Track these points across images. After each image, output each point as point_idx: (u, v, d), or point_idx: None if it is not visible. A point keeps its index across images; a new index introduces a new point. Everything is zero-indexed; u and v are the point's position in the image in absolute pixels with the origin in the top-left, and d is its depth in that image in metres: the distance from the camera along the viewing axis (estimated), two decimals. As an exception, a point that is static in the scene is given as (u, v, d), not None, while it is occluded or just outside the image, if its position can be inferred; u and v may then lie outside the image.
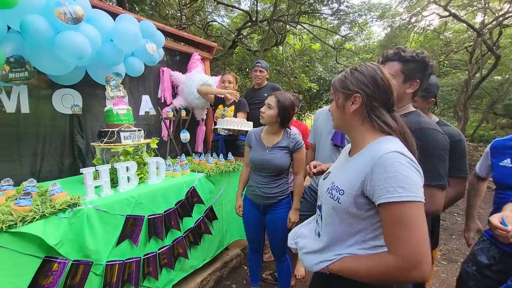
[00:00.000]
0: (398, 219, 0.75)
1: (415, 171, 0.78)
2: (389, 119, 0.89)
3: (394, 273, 0.76)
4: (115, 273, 1.49)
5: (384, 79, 0.89)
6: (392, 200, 0.74)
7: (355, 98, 0.90)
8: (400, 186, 0.74)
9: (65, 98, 2.23)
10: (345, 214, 0.87)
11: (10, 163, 1.95)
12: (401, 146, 0.83)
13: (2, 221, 1.11)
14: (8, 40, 1.64)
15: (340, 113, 0.96)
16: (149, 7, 7.45)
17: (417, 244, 0.73)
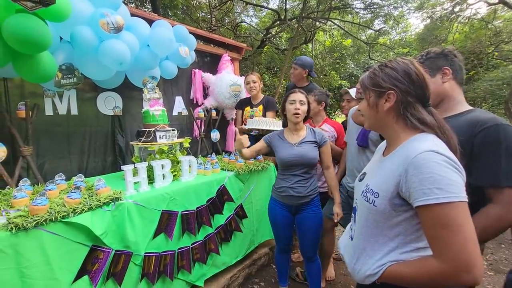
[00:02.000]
0: (439, 221, 0.71)
1: (453, 169, 0.73)
2: (426, 115, 0.85)
3: (441, 278, 0.72)
4: (152, 264, 1.59)
5: (418, 73, 0.84)
6: (430, 202, 0.71)
7: (388, 95, 0.86)
8: (437, 187, 0.70)
9: (108, 100, 2.43)
10: (383, 217, 0.84)
11: (62, 160, 2.17)
12: (437, 144, 0.78)
13: (57, 211, 1.24)
14: (60, 49, 1.82)
15: (372, 112, 0.92)
16: (181, 11, 7.76)
17: (464, 245, 0.69)
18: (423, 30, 10.92)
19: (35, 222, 1.17)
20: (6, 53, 1.32)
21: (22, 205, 1.32)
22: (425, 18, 10.59)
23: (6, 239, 1.11)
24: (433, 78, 1.17)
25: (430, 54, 1.19)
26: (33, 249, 1.17)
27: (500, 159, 0.96)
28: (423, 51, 1.26)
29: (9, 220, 1.15)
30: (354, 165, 2.04)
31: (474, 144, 1.01)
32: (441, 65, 1.16)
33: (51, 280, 1.22)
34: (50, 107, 2.10)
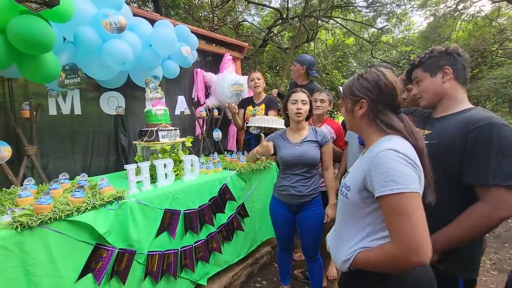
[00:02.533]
0: (393, 209, 0.81)
1: (408, 165, 0.83)
2: (395, 121, 0.95)
3: (396, 260, 0.81)
4: (156, 263, 1.60)
5: (388, 84, 0.95)
6: (386, 193, 0.81)
7: (361, 103, 0.98)
8: (392, 180, 0.81)
9: (111, 100, 2.44)
10: (355, 209, 0.95)
11: (66, 159, 2.19)
12: (399, 144, 0.88)
13: (61, 210, 1.26)
14: (63, 50, 1.83)
15: (350, 117, 1.06)
16: (183, 10, 7.76)
17: (413, 231, 0.79)
18: (426, 28, 10.83)
19: (40, 220, 1.18)
20: (11, 53, 1.34)
21: (27, 204, 1.34)
22: (429, 16, 10.51)
23: (11, 237, 1.13)
24: (434, 77, 1.17)
25: (434, 52, 1.19)
26: (38, 247, 1.19)
27: (490, 157, 0.97)
28: (427, 49, 1.26)
29: (14, 219, 1.16)
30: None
31: (467, 142, 1.01)
32: (443, 65, 1.16)
33: (56, 278, 1.23)
34: (54, 107, 2.12)
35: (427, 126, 1.20)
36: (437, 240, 1.03)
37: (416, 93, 1.24)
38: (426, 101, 1.21)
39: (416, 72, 1.23)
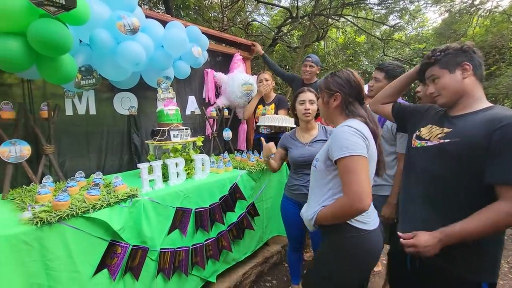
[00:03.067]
0: (345, 169, 1.06)
1: (358, 136, 1.08)
2: (360, 110, 1.22)
3: (345, 208, 1.06)
4: (168, 260, 1.63)
5: (355, 81, 1.22)
6: (340, 156, 1.06)
7: (336, 96, 1.23)
8: (345, 147, 1.06)
9: (124, 100, 2.50)
10: (321, 176, 1.20)
11: (81, 158, 2.25)
12: (355, 123, 1.13)
13: (78, 207, 1.30)
14: (79, 52, 1.89)
15: (325, 108, 1.30)
16: (193, 11, 7.84)
17: (358, 184, 1.02)
18: (441, 25, 10.54)
19: (58, 217, 1.23)
20: (31, 56, 1.39)
21: (45, 201, 1.39)
22: (443, 12, 10.21)
23: (32, 233, 1.17)
24: (453, 74, 1.14)
25: (449, 50, 1.16)
26: (57, 242, 1.23)
27: None
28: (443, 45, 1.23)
29: (34, 215, 1.21)
30: None
31: (491, 142, 0.99)
32: (461, 61, 1.13)
33: (74, 272, 1.27)
34: (70, 107, 2.18)
35: (445, 124, 1.17)
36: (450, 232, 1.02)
37: (433, 91, 1.20)
38: (445, 98, 1.17)
39: (432, 70, 1.20)
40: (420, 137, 1.25)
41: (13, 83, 1.89)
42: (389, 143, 1.88)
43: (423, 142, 1.22)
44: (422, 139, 1.23)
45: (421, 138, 1.24)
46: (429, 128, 1.23)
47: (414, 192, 1.23)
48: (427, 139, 1.20)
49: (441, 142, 1.13)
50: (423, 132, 1.25)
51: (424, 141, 1.22)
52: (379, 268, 2.54)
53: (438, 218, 1.12)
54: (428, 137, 1.20)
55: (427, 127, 1.24)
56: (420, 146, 1.23)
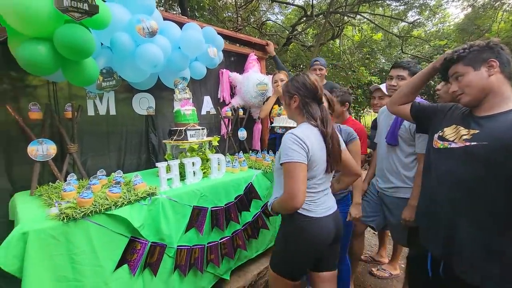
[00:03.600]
0: (285, 171, 1.26)
1: (297, 144, 1.25)
2: (317, 110, 1.36)
3: (283, 203, 1.30)
4: (184, 257, 1.67)
5: (311, 83, 1.36)
6: (282, 161, 1.27)
7: (294, 98, 1.38)
8: (286, 154, 1.25)
9: (142, 101, 2.57)
10: (277, 173, 1.42)
11: (103, 157, 2.34)
12: (301, 130, 1.30)
13: (101, 204, 1.36)
14: (101, 55, 1.95)
15: (288, 108, 1.46)
16: (207, 12, 7.93)
17: (293, 186, 1.23)
18: (464, 20, 10.10)
19: (83, 213, 1.28)
20: (57, 60, 1.46)
21: (71, 198, 1.45)
22: (466, 6, 9.79)
23: (59, 228, 1.23)
24: (477, 71, 1.09)
25: (474, 47, 1.11)
26: (81, 237, 1.29)
27: None
28: (465, 43, 1.18)
29: (60, 211, 1.27)
30: (383, 165, 1.96)
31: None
32: (487, 57, 1.08)
33: (97, 267, 1.33)
34: (92, 108, 2.27)
35: (471, 125, 1.12)
36: None
37: (456, 89, 1.16)
38: (470, 97, 1.12)
39: (456, 68, 1.15)
40: (443, 137, 1.20)
41: (38, 84, 1.99)
42: (408, 144, 1.82)
43: (446, 143, 1.17)
44: (446, 140, 1.18)
45: (445, 139, 1.19)
46: (453, 128, 1.18)
47: (437, 194, 1.19)
48: (451, 140, 1.16)
49: (467, 144, 1.08)
50: (446, 133, 1.20)
51: (447, 142, 1.17)
52: (397, 272, 2.48)
53: (466, 222, 1.07)
54: (452, 138, 1.16)
55: (451, 128, 1.20)
56: (443, 147, 1.18)
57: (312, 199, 1.34)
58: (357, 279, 2.43)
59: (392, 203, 1.90)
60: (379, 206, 2.03)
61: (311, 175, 1.31)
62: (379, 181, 2.01)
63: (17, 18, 1.29)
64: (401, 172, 1.85)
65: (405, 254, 1.65)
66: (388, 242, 2.79)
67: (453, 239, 1.11)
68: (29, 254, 1.14)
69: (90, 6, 1.40)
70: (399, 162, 1.86)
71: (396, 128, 1.85)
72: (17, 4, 1.25)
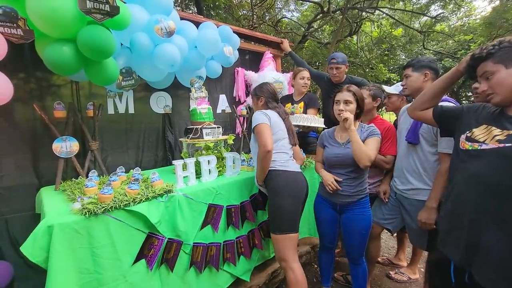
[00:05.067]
0: (256, 132, 1.72)
1: (262, 114, 1.77)
2: (277, 107, 1.93)
3: (260, 155, 1.70)
4: (200, 254, 1.69)
5: (270, 88, 1.98)
6: (253, 125, 1.73)
7: (261, 99, 1.95)
8: (256, 122, 1.73)
9: (159, 99, 2.62)
10: (253, 149, 1.90)
11: (122, 154, 2.41)
12: (267, 112, 1.83)
13: (120, 200, 1.40)
14: (121, 54, 2.01)
15: (256, 107, 1.99)
16: (223, 10, 7.97)
17: (264, 139, 1.66)
18: (491, 13, 9.54)
19: (103, 208, 1.33)
20: (80, 60, 1.51)
21: (92, 193, 1.51)
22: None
23: (81, 222, 1.28)
24: (509, 69, 1.02)
25: (504, 43, 1.04)
26: (102, 232, 1.34)
27: None
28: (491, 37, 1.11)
29: (83, 206, 1.32)
30: (403, 165, 1.90)
31: None
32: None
33: (116, 260, 1.37)
34: (112, 106, 2.34)
35: (506, 125, 1.05)
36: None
37: (486, 88, 1.09)
38: (501, 96, 1.05)
39: (485, 66, 1.08)
40: (472, 138, 1.14)
41: (62, 84, 2.07)
42: (430, 144, 1.74)
43: (476, 145, 1.11)
44: (475, 141, 1.12)
45: (474, 140, 1.13)
46: (483, 129, 1.12)
47: (463, 198, 1.13)
48: (481, 141, 1.09)
49: (501, 146, 1.02)
50: (476, 133, 1.13)
51: (477, 144, 1.10)
52: (416, 276, 2.40)
53: (494, 228, 1.01)
54: (483, 139, 1.09)
55: (481, 128, 1.13)
56: (472, 148, 1.12)
57: (283, 158, 1.78)
58: (374, 282, 2.37)
59: (411, 206, 1.83)
60: (397, 209, 1.96)
61: (276, 137, 1.78)
62: (397, 182, 1.94)
63: (44, 21, 1.36)
64: (422, 173, 1.78)
65: (425, 258, 1.59)
66: (407, 245, 2.70)
67: (477, 245, 1.05)
68: (54, 246, 1.20)
69: (111, 7, 1.44)
70: (420, 162, 1.79)
71: (418, 127, 1.78)
72: (45, 7, 1.31)
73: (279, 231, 1.69)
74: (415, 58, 1.98)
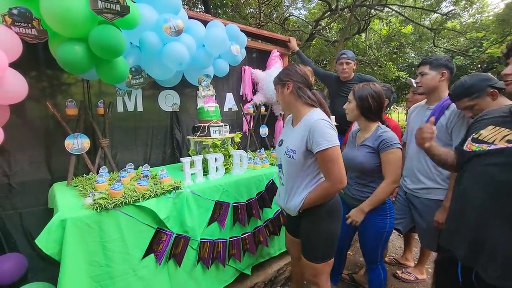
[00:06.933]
0: (326, 158, 1.29)
1: (331, 128, 1.32)
2: (310, 94, 1.44)
3: (330, 190, 1.34)
4: (207, 250, 1.72)
5: (301, 70, 1.45)
6: (322, 148, 1.28)
7: (288, 84, 1.43)
8: (325, 139, 1.28)
9: (167, 98, 2.65)
10: (300, 165, 1.38)
11: (131, 151, 2.46)
12: (322, 115, 1.36)
13: (130, 196, 1.43)
14: (130, 53, 2.04)
15: (282, 97, 1.49)
16: (230, 9, 7.97)
17: (338, 170, 1.30)
18: (504, 10, 9.28)
19: (114, 204, 1.36)
20: (91, 59, 1.55)
21: (103, 189, 1.55)
22: (507, -5, 9.00)
23: (93, 217, 1.32)
24: None
25: None
26: (112, 226, 1.38)
27: None
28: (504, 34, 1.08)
29: (94, 201, 1.36)
30: (413, 165, 1.88)
31: None
32: None
33: (126, 254, 1.41)
34: (121, 104, 2.38)
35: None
36: None
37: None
38: None
39: None
40: (479, 139, 1.12)
41: (73, 82, 2.12)
42: (444, 143, 1.71)
43: (485, 146, 1.08)
44: (482, 142, 1.10)
45: (481, 141, 1.11)
46: (491, 129, 1.10)
47: (469, 196, 1.12)
48: (490, 142, 1.07)
49: (510, 146, 0.99)
50: (483, 135, 1.11)
51: (486, 145, 1.08)
52: (423, 276, 2.38)
53: (503, 226, 1.00)
54: (492, 139, 1.07)
55: (488, 129, 1.11)
56: (479, 149, 1.10)
57: None
58: (380, 281, 2.36)
59: (422, 205, 1.82)
60: (407, 208, 1.95)
61: None
62: (407, 182, 1.93)
63: (57, 21, 1.39)
64: (434, 172, 1.76)
65: (433, 259, 1.58)
66: (414, 245, 2.68)
67: (483, 243, 1.04)
68: (67, 239, 1.24)
69: (122, 7, 1.46)
70: (432, 162, 1.76)
71: None
72: (58, 7, 1.34)
73: (322, 259, 1.45)
74: (432, 55, 1.91)
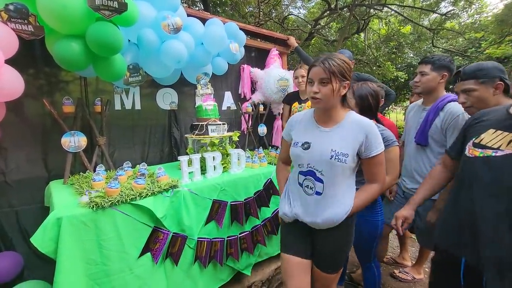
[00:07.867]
0: (379, 161, 1.26)
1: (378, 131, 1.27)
2: None
3: (378, 192, 1.32)
4: (204, 249, 1.72)
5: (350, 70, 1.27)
6: (379, 152, 1.24)
7: (347, 84, 1.23)
8: (380, 143, 1.24)
9: (165, 96, 2.64)
10: (349, 170, 1.26)
11: (128, 149, 2.44)
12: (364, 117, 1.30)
13: (127, 194, 1.42)
14: (128, 51, 2.03)
15: (332, 95, 1.20)
16: (229, 7, 7.95)
17: (385, 171, 1.31)
18: (503, 11, 9.30)
19: (110, 202, 1.36)
20: (89, 56, 1.53)
21: (99, 187, 1.54)
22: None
23: (89, 215, 1.32)
24: None
25: None
26: (109, 225, 1.37)
27: None
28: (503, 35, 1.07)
29: (90, 199, 1.35)
30: (412, 166, 1.88)
31: None
32: None
33: (122, 253, 1.41)
34: (119, 102, 2.36)
35: None
36: None
37: None
38: None
39: None
40: (481, 145, 1.08)
41: (70, 80, 2.10)
42: (440, 144, 1.72)
43: (489, 151, 1.04)
44: (485, 147, 1.06)
45: (484, 146, 1.07)
46: (493, 134, 1.06)
47: (482, 207, 1.06)
48: (495, 147, 1.03)
49: None
50: (485, 139, 1.07)
51: (490, 150, 1.04)
52: (421, 276, 2.39)
53: None
54: (496, 145, 1.03)
55: (489, 133, 1.07)
56: (484, 155, 1.06)
57: None
58: (377, 280, 2.37)
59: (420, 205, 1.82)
60: None
61: None
62: (406, 181, 1.93)
63: (54, 17, 1.37)
64: None
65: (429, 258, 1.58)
66: (411, 244, 2.68)
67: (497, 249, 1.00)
68: (62, 237, 1.23)
69: (120, 4, 1.45)
70: (430, 164, 1.77)
71: (427, 128, 1.75)
72: (55, 4, 1.33)
73: (339, 268, 1.41)
74: (435, 54, 1.88)
